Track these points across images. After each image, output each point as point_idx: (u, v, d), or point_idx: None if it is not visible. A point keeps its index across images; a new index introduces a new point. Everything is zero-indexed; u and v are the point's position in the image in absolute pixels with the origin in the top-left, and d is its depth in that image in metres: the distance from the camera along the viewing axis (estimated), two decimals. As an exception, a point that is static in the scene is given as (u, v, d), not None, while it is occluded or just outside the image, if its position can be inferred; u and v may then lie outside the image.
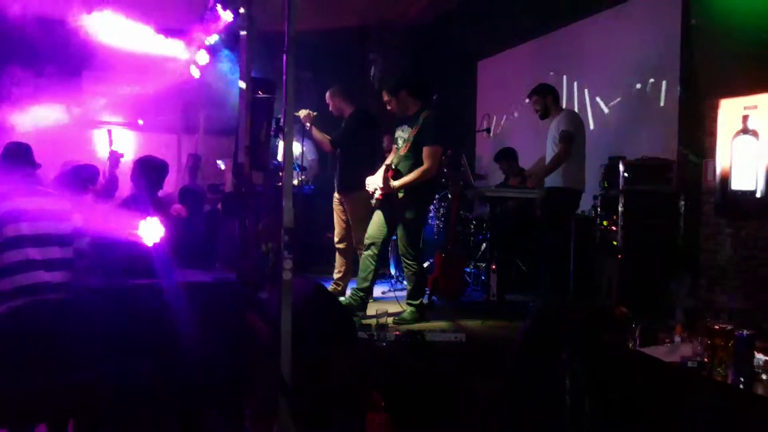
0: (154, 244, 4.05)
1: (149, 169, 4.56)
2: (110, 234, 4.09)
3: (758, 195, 4.13)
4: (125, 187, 5.01)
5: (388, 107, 4.95)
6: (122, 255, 3.99)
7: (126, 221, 4.02)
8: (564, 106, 6.48)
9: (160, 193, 4.78)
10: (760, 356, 2.61)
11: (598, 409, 2.96)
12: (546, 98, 5.37)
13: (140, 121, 8.60)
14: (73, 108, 7.77)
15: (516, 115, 7.76)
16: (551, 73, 6.72)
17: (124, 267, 3.98)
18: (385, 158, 6.59)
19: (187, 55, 7.68)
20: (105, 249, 4.10)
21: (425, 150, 4.68)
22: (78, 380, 3.05)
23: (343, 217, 5.38)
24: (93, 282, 3.94)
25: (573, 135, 5.12)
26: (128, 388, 3.48)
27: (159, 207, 4.15)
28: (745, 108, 4.26)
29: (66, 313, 3.70)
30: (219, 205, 6.41)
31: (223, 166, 5.43)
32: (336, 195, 5.42)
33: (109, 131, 6.29)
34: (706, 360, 2.71)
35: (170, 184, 6.35)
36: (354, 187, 5.23)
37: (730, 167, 4.33)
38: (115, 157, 5.89)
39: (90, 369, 3.47)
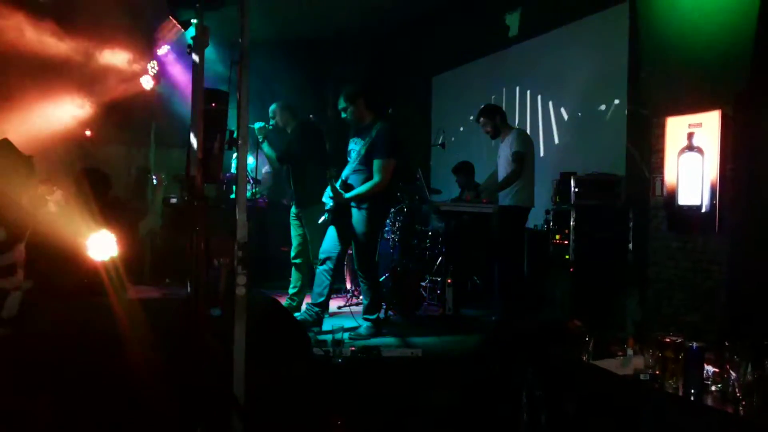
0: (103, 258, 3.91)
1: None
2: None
3: (703, 210, 4.26)
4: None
5: (343, 114, 4.88)
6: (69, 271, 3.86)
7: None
8: (516, 123, 6.59)
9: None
10: (709, 368, 2.67)
11: (553, 422, 2.98)
12: (494, 119, 5.43)
13: (87, 132, 8.37)
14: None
15: (467, 129, 7.85)
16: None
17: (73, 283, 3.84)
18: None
19: (138, 66, 7.52)
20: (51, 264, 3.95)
21: (376, 163, 4.64)
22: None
23: (300, 232, 5.30)
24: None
25: (524, 155, 5.21)
26: (78, 409, 3.34)
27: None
28: (690, 126, 4.39)
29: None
30: None
31: (155, 181, 5.29)
32: (293, 210, 5.35)
33: None
34: (657, 372, 2.76)
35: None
36: (312, 201, 5.17)
37: (677, 183, 4.45)
38: None
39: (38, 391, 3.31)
